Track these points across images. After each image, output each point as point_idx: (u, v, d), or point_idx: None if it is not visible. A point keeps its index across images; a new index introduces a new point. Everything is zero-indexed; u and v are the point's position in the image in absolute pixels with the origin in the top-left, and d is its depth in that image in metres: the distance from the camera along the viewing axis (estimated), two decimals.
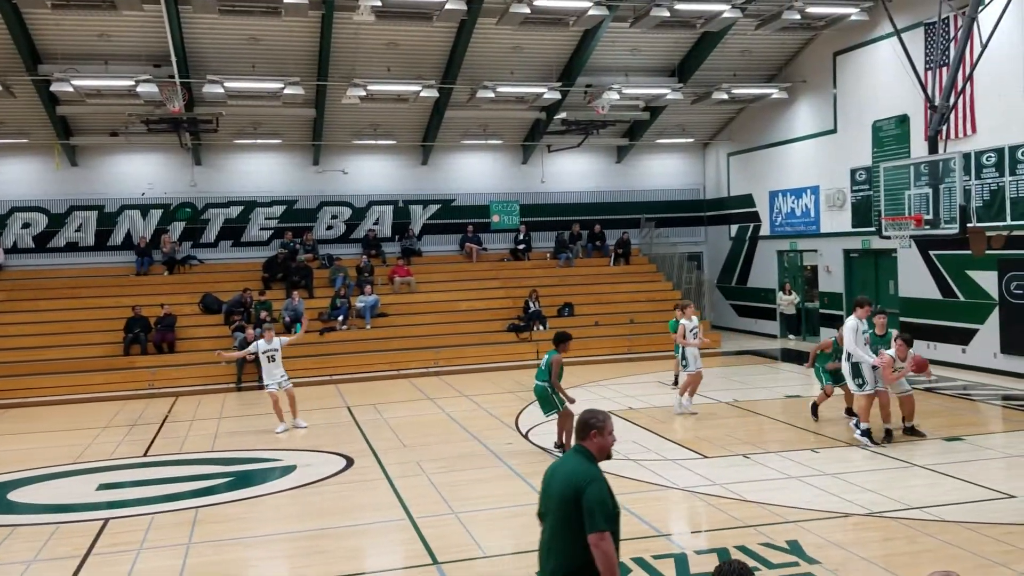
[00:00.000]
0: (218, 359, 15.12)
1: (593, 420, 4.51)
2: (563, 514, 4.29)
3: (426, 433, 12.77)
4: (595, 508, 4.18)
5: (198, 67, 18.82)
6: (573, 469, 4.39)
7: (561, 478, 4.41)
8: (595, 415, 4.56)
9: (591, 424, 4.50)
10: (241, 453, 12.07)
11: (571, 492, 4.25)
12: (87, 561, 7.76)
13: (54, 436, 13.96)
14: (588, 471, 4.33)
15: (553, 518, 4.39)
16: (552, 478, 4.51)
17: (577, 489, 4.23)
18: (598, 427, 4.47)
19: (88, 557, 7.87)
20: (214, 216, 22.78)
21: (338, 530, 8.48)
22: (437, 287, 22.54)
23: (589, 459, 4.44)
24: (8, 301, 19.80)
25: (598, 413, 4.58)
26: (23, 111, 19.67)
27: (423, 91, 19.52)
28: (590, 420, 4.52)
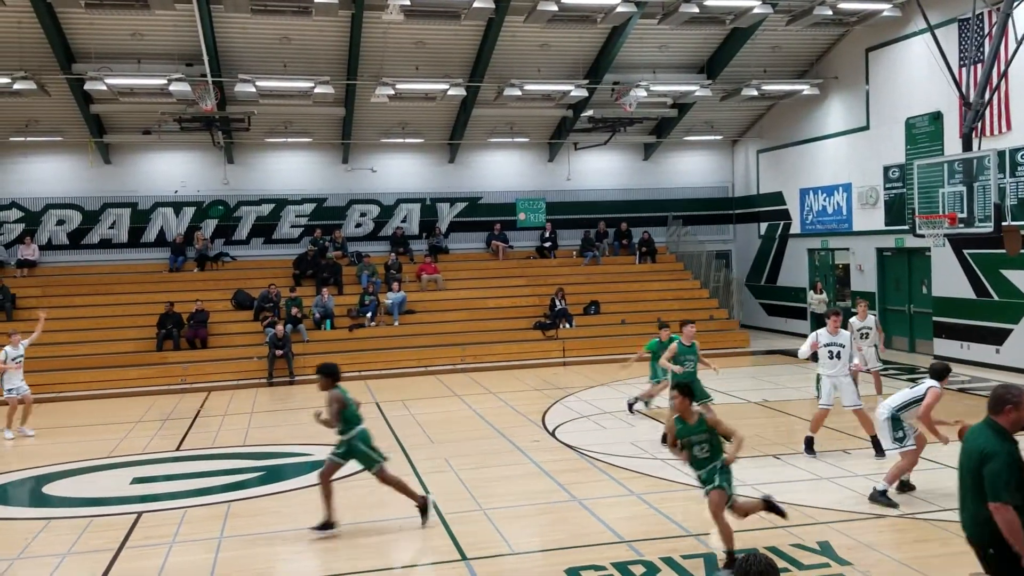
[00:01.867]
0: None
1: (1008, 395, 4.77)
2: (972, 480, 4.73)
3: (454, 429, 12.83)
4: (993, 479, 4.56)
5: (230, 66, 19.02)
6: (983, 443, 4.72)
7: (968, 449, 4.81)
8: (1010, 390, 4.80)
9: (1006, 399, 4.76)
10: (272, 448, 12.20)
11: (975, 463, 4.68)
12: (120, 554, 7.88)
13: (88, 430, 14.22)
14: (992, 445, 4.66)
15: (963, 482, 4.84)
16: (966, 444, 4.88)
17: (981, 460, 4.65)
18: (1013, 402, 4.73)
19: (122, 550, 7.99)
20: (246, 213, 23.04)
21: (367, 525, 8.55)
22: (464, 284, 22.61)
23: (998, 433, 4.72)
24: (43, 297, 20.16)
25: (1012, 388, 4.81)
26: (57, 109, 20.01)
27: (451, 89, 19.58)
28: (1005, 395, 4.78)
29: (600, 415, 13.59)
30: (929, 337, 18.88)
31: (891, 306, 20.40)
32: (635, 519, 8.33)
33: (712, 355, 19.73)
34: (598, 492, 9.33)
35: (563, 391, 15.69)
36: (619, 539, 7.73)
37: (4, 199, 21.49)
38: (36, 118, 20.48)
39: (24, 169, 21.60)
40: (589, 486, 9.55)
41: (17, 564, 7.72)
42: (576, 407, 14.29)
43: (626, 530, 7.94)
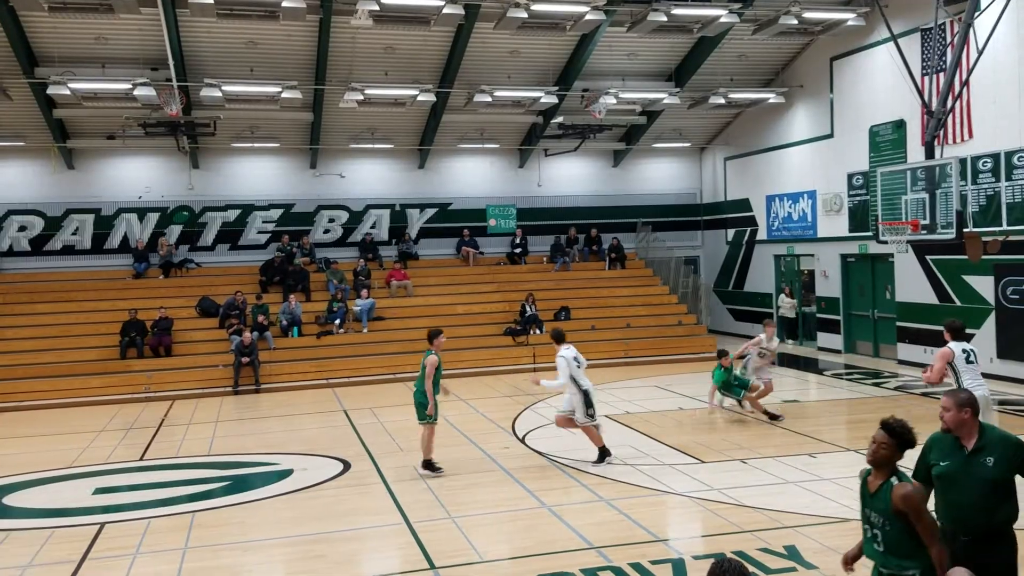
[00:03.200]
0: None
1: None
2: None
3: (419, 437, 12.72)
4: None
5: (196, 70, 18.81)
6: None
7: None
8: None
9: None
10: (238, 457, 12.05)
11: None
12: (83, 566, 7.75)
13: (50, 440, 13.92)
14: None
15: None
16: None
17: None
18: None
19: (84, 562, 7.85)
20: (211, 219, 22.76)
21: (335, 534, 8.46)
22: (434, 291, 22.52)
23: None
24: (3, 304, 19.74)
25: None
26: (20, 114, 19.63)
27: (420, 95, 19.54)
28: None
29: None
30: (893, 342, 19.17)
31: (855, 311, 20.69)
32: (604, 525, 8.33)
33: (680, 360, 20.10)
34: (567, 498, 9.33)
35: (533, 397, 15.68)
36: (588, 545, 7.73)
37: None
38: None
39: None
40: (558, 492, 9.55)
41: None
42: (546, 413, 14.26)
43: (595, 536, 7.95)
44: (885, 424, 4.56)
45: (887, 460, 4.53)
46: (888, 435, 4.52)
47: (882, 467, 4.55)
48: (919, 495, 4.50)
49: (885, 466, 4.53)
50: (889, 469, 4.54)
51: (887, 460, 4.53)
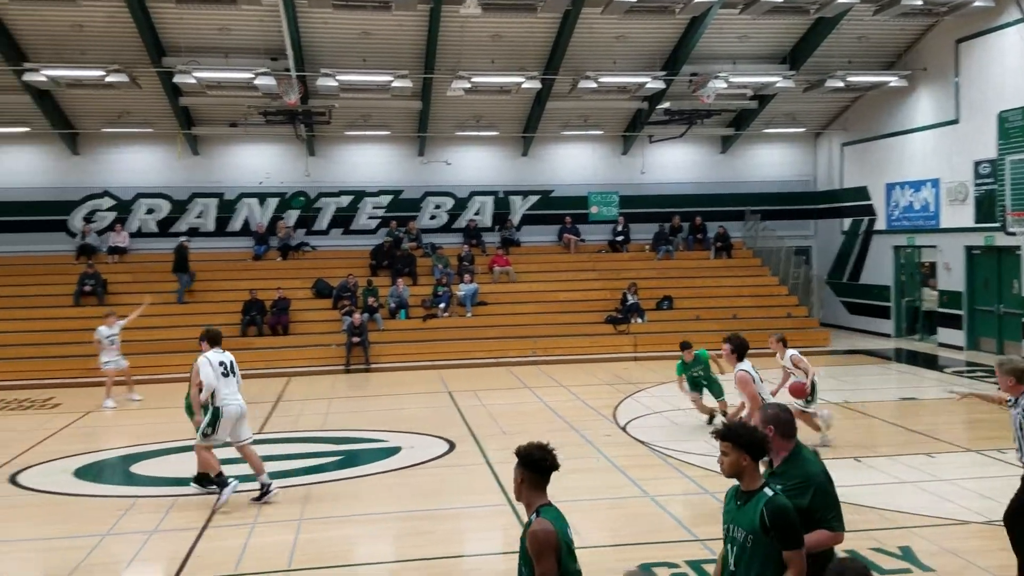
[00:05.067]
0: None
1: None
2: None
3: (525, 421, 12.91)
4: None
5: (313, 61, 19.47)
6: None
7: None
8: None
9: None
10: (349, 433, 12.50)
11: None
12: (204, 534, 8.18)
13: (174, 412, 14.73)
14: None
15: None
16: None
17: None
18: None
19: (205, 530, 8.29)
20: (326, 205, 23.58)
21: (441, 512, 8.69)
22: (535, 277, 22.67)
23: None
24: (133, 283, 21.06)
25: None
26: (149, 102, 20.78)
27: (526, 82, 19.62)
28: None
29: (673, 411, 13.48)
30: (1018, 339, 18.08)
31: (979, 306, 19.60)
32: (709, 517, 8.24)
33: None
34: (671, 489, 9.29)
35: (634, 386, 15.60)
36: (693, 537, 7.69)
37: (97, 188, 22.48)
38: (128, 110, 21.33)
39: (116, 159, 22.56)
40: (662, 482, 9.51)
41: (107, 540, 8.09)
42: (648, 403, 14.21)
43: (700, 528, 7.89)
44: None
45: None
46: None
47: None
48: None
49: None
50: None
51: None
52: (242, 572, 7.14)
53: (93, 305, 19.64)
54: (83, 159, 22.35)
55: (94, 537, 8.10)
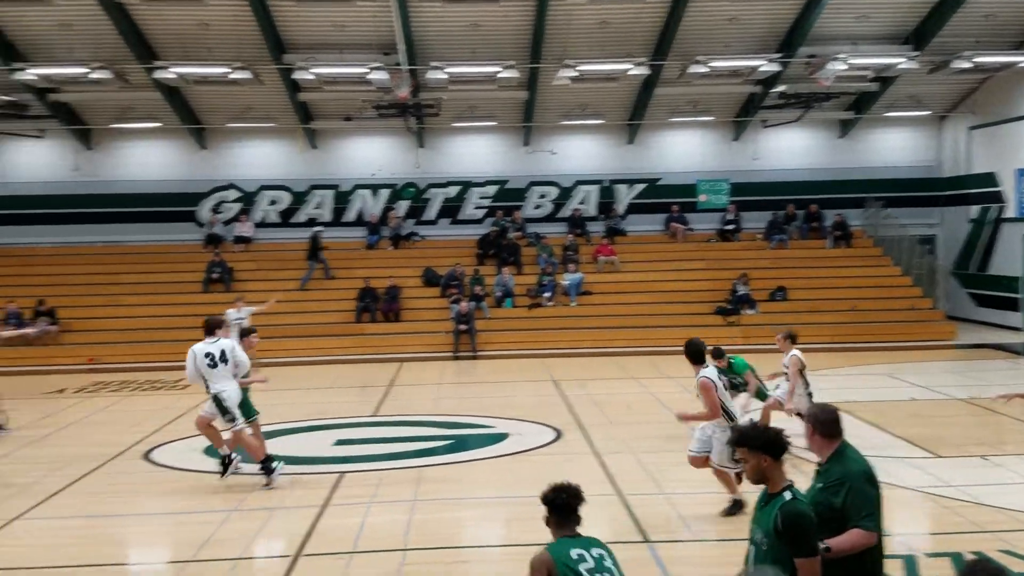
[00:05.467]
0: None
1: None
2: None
3: (632, 412, 12.88)
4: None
5: (423, 54, 19.84)
6: None
7: None
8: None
9: None
10: (458, 418, 12.77)
11: None
12: (325, 511, 8.53)
13: (295, 394, 15.49)
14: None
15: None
16: None
17: None
18: None
19: (326, 507, 8.64)
20: (434, 195, 24.07)
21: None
22: (641, 267, 22.45)
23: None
24: (258, 270, 22.14)
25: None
26: (270, 98, 21.69)
27: (633, 69, 19.40)
28: None
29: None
30: None
31: None
32: None
33: (913, 348, 18.63)
34: None
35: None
36: None
37: (223, 180, 23.67)
38: (251, 105, 22.34)
39: (240, 153, 23.69)
40: None
41: (234, 516, 8.53)
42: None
43: None
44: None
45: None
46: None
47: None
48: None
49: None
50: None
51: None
52: (360, 550, 7.44)
53: (220, 292, 20.74)
54: (210, 153, 23.59)
55: (222, 513, 8.58)
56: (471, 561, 7.34)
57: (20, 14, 18.00)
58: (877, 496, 4.49)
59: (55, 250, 22.76)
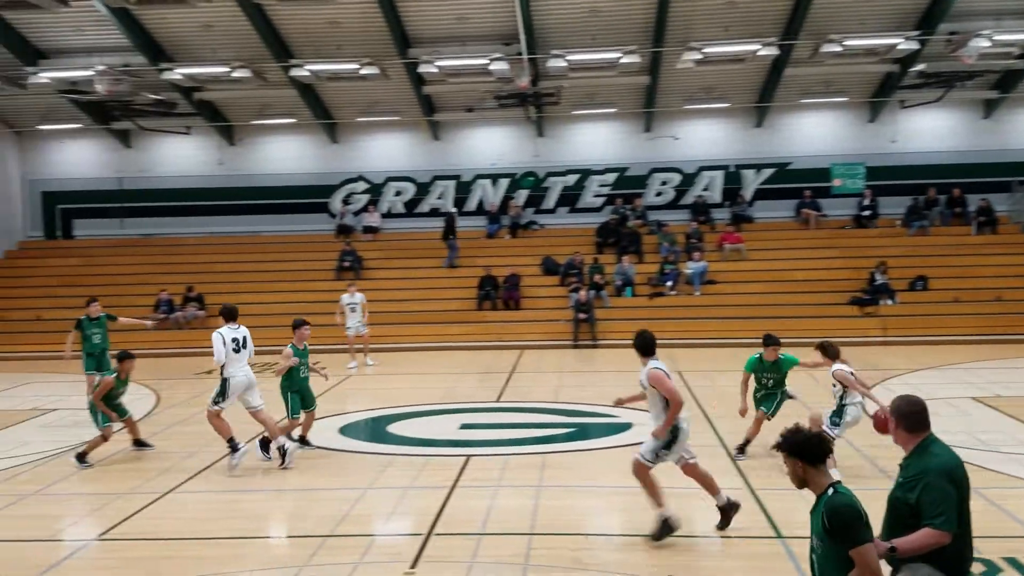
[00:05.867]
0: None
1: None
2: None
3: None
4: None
5: (543, 43, 19.89)
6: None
7: None
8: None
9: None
10: (579, 406, 12.80)
11: None
12: (454, 493, 8.74)
13: (421, 378, 15.97)
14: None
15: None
16: None
17: None
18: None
19: (455, 489, 8.85)
20: (553, 184, 24.15)
21: (675, 491, 8.66)
22: (770, 255, 21.79)
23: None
24: (384, 259, 22.89)
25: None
26: (396, 91, 22.32)
27: (762, 50, 18.79)
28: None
29: (929, 401, 12.43)
30: None
31: None
32: (974, 514, 7.58)
33: None
34: None
35: (882, 373, 14.59)
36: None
37: (352, 173, 24.55)
38: (378, 99, 23.04)
39: (368, 146, 24.51)
40: None
41: (369, 493, 8.89)
42: (900, 392, 13.21)
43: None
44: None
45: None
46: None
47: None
48: None
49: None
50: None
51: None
52: (489, 532, 7.59)
53: (351, 279, 21.50)
54: (340, 146, 24.52)
55: (358, 490, 8.95)
56: (597, 549, 7.35)
57: (166, 17, 19.20)
58: (955, 494, 4.24)
59: (201, 240, 24.30)
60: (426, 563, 6.87)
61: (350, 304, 16.82)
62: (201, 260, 23.24)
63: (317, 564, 6.91)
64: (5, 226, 24.53)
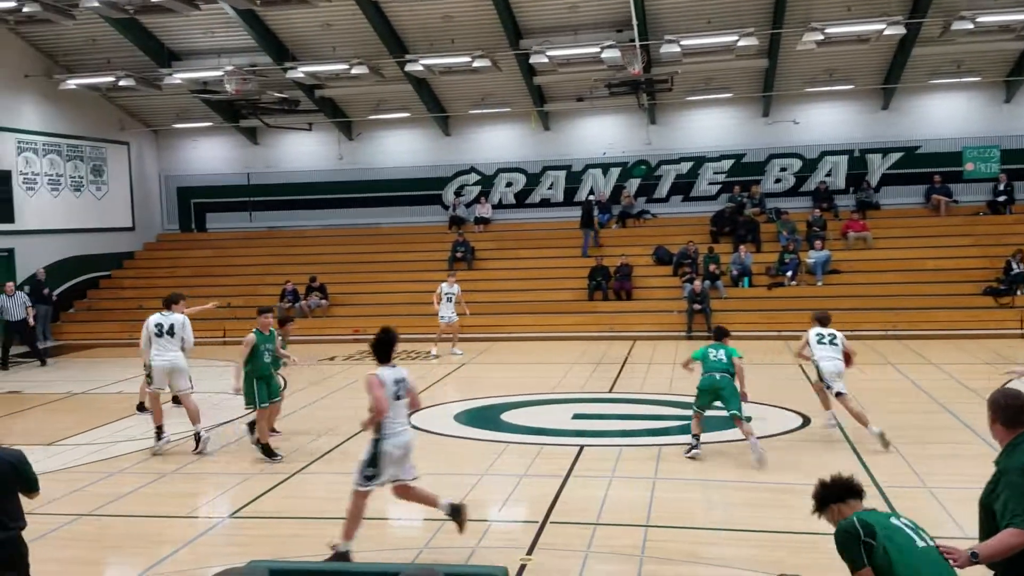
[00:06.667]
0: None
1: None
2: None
3: (887, 400, 11.99)
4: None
5: (656, 28, 19.58)
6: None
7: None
8: None
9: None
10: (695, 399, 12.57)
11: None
12: (568, 482, 8.77)
13: (533, 368, 16.08)
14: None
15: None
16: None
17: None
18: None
19: (569, 478, 8.89)
20: (666, 172, 23.78)
21: (799, 487, 8.35)
22: (897, 243, 20.79)
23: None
24: (496, 250, 23.16)
25: None
26: (507, 83, 22.48)
27: (888, 28, 17.87)
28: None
29: None
30: None
31: None
32: None
33: None
34: None
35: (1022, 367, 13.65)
36: None
37: (464, 164, 24.93)
38: (490, 91, 23.28)
39: (480, 138, 24.82)
40: None
41: (485, 479, 9.04)
42: None
43: None
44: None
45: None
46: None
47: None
48: None
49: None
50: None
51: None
52: (604, 522, 7.59)
53: (463, 270, 21.95)
54: (453, 139, 24.93)
55: (473, 476, 9.11)
56: (714, 543, 7.24)
57: (289, 17, 19.99)
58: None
59: (322, 232, 25.26)
60: (542, 550, 6.94)
61: (448, 294, 17.13)
62: (323, 251, 24.15)
63: (435, 547, 7.10)
64: (146, 220, 26.23)
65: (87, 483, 9.20)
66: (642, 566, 6.61)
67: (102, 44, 21.24)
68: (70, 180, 23.18)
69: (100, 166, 24.32)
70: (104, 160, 24.44)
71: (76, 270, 23.33)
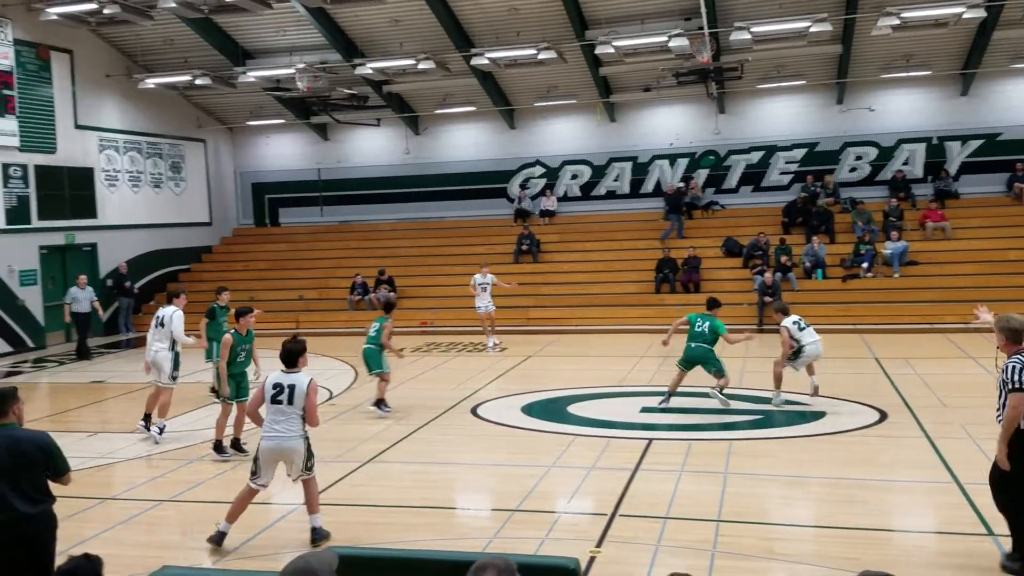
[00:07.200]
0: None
1: None
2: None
3: (969, 394, 11.59)
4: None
5: (726, 15, 19.23)
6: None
7: None
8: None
9: None
10: (766, 393, 12.36)
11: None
12: (636, 475, 8.73)
13: (599, 360, 16.03)
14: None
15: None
16: None
17: None
18: None
19: (637, 471, 8.84)
20: (735, 162, 23.35)
21: (875, 483, 8.24)
22: (977, 233, 20.04)
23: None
24: (561, 243, 23.12)
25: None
26: (572, 75, 22.36)
27: (967, 12, 17.17)
28: None
29: None
30: None
31: None
32: None
33: None
34: None
35: None
36: None
37: (530, 157, 24.93)
38: (555, 84, 23.21)
39: (545, 130, 24.78)
40: None
41: (553, 471, 9.06)
42: None
43: None
44: None
45: None
46: None
47: None
48: None
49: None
50: None
51: None
52: (674, 516, 7.54)
53: (529, 263, 21.99)
54: (518, 132, 24.96)
55: (541, 467, 9.14)
56: (787, 539, 7.11)
57: (358, 14, 20.27)
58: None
59: (391, 225, 25.62)
60: (611, 543, 6.93)
61: (481, 284, 17.26)
62: (391, 245, 24.49)
63: (505, 537, 7.15)
64: (222, 215, 27.02)
65: (168, 470, 9.55)
66: (714, 560, 6.54)
67: (179, 44, 21.93)
68: (150, 177, 24.02)
69: (178, 163, 25.14)
70: (182, 157, 25.26)
71: (156, 264, 24.18)
